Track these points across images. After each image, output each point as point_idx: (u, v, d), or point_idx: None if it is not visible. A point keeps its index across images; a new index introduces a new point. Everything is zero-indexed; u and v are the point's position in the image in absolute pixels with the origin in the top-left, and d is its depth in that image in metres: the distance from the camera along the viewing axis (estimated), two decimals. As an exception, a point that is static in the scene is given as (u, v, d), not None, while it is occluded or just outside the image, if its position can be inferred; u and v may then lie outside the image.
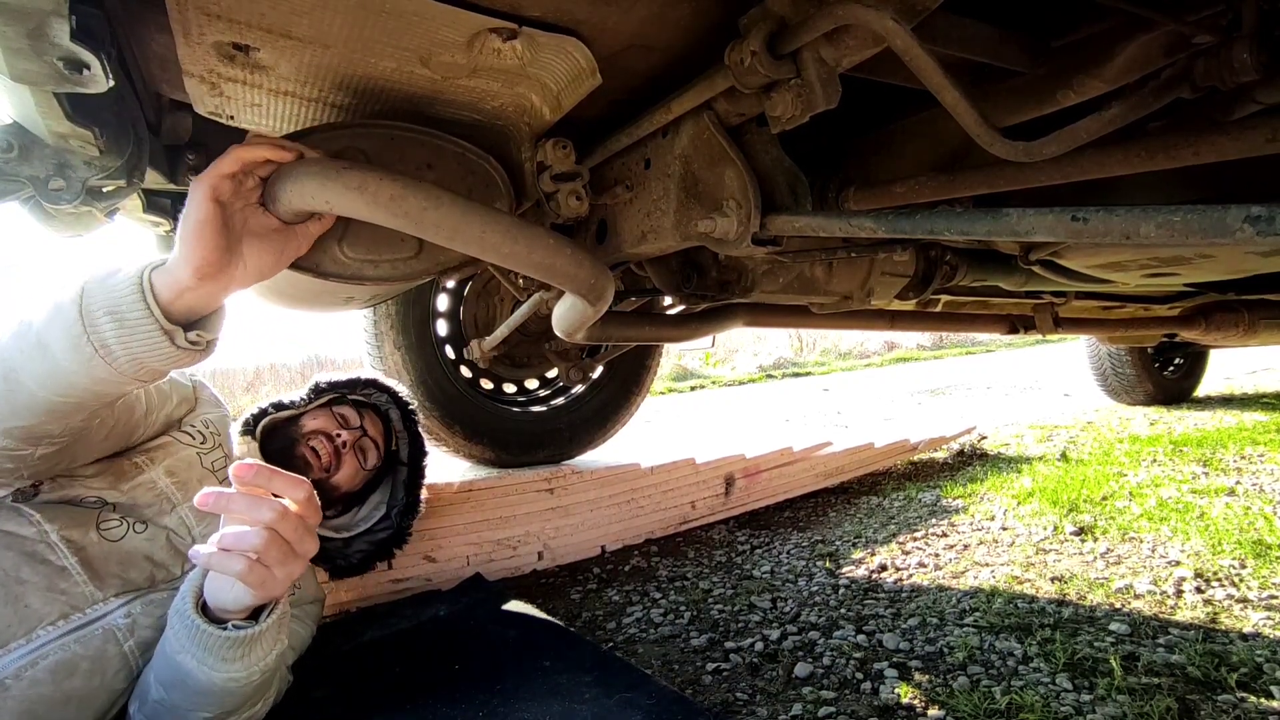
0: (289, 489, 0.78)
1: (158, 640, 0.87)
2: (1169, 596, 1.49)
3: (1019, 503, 2.21)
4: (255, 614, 0.82)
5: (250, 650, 0.81)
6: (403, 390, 1.45)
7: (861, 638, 1.37)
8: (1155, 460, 2.68)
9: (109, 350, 0.71)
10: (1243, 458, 2.64)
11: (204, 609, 0.80)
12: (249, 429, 1.22)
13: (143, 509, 0.99)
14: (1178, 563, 1.66)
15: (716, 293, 1.17)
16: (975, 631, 1.36)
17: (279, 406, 1.27)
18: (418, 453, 1.43)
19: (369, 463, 1.30)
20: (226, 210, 0.70)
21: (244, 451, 1.19)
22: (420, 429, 1.46)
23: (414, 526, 1.47)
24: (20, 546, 0.82)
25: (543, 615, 1.43)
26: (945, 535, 2.00)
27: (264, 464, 0.78)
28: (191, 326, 0.74)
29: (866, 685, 1.20)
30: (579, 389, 2.22)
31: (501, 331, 1.55)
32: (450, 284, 1.98)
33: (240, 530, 0.76)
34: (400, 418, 1.42)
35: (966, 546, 1.90)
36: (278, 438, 1.23)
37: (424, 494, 1.46)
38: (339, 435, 1.25)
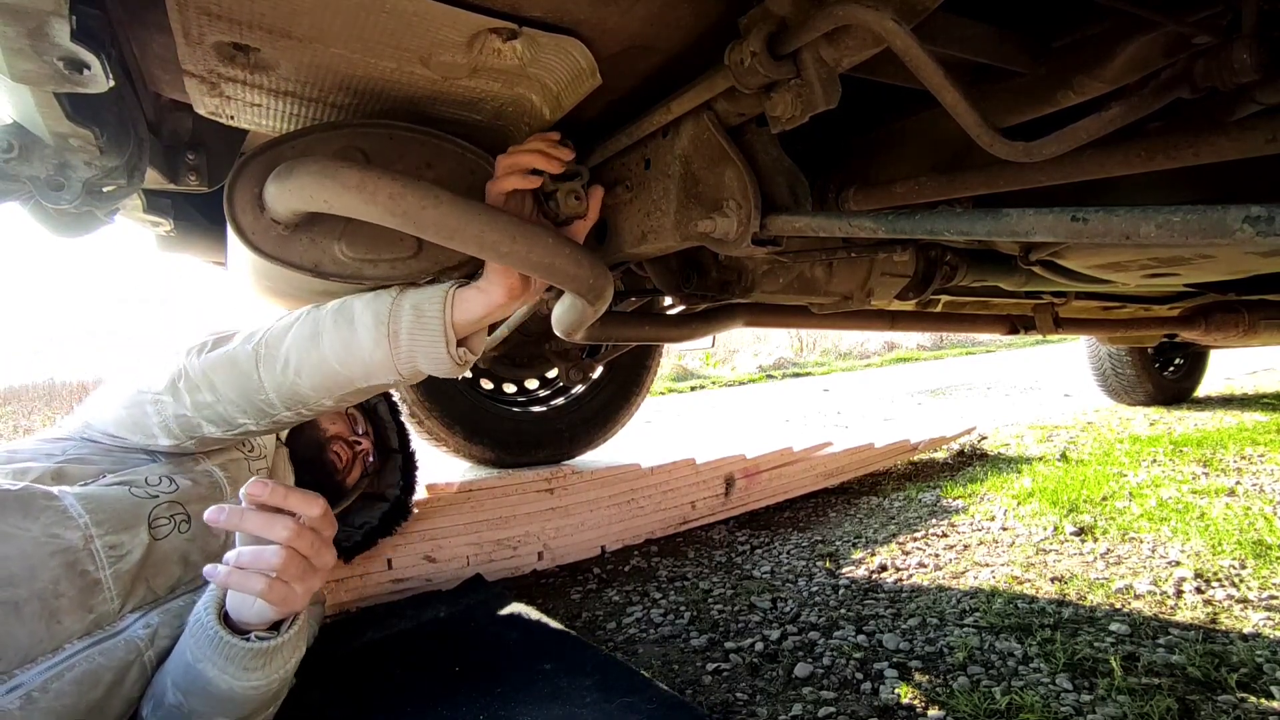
0: (304, 506, 0.80)
1: (173, 648, 0.88)
2: (1169, 597, 1.49)
3: (1019, 503, 2.21)
4: (276, 624, 0.83)
5: (271, 660, 0.82)
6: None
7: (861, 638, 1.37)
8: (1155, 460, 2.68)
9: (397, 336, 0.83)
10: (1243, 458, 2.64)
11: (225, 618, 0.81)
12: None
13: (197, 499, 1.00)
14: (1178, 563, 1.66)
15: (716, 293, 1.17)
16: (975, 632, 1.36)
17: None
18: (406, 440, 1.55)
19: (371, 464, 1.40)
20: None
21: (277, 456, 1.21)
22: (403, 418, 1.57)
23: (414, 527, 1.62)
24: (64, 556, 0.81)
25: (543, 617, 1.43)
26: (945, 535, 2.00)
27: (277, 482, 0.79)
28: (462, 343, 0.86)
29: (866, 685, 1.20)
30: (579, 389, 2.22)
31: (501, 331, 1.56)
32: (450, 284, 1.98)
33: (257, 549, 0.77)
34: (388, 410, 1.52)
35: (966, 547, 1.90)
36: (304, 441, 1.29)
37: (418, 472, 1.58)
38: (359, 444, 1.35)
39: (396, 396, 1.63)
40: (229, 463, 1.09)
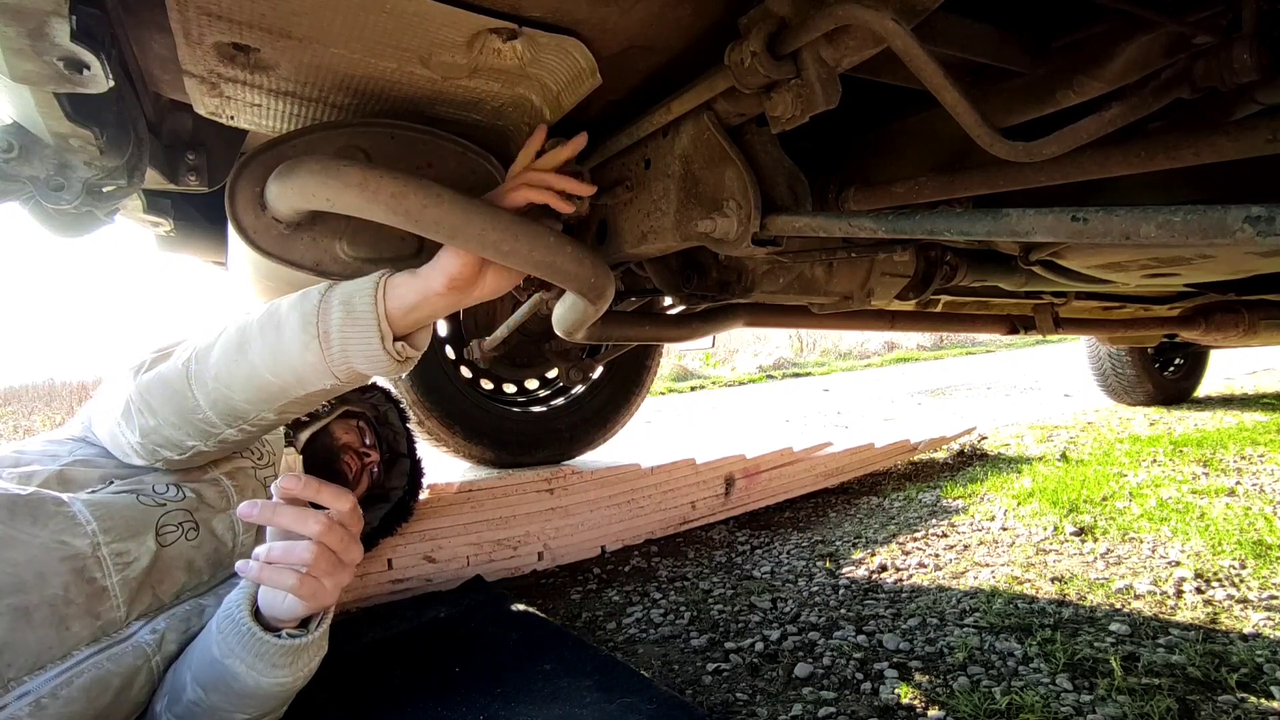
0: (334, 500, 0.80)
1: (179, 654, 0.88)
2: (1169, 597, 1.49)
3: (1019, 503, 2.21)
4: (304, 620, 0.84)
5: (299, 657, 0.83)
6: (393, 390, 1.61)
7: (861, 638, 1.37)
8: (1155, 460, 2.68)
9: (328, 337, 0.77)
10: (1243, 458, 2.64)
11: (255, 615, 0.82)
12: (289, 440, 1.27)
13: (204, 507, 0.99)
14: (1178, 563, 1.66)
15: (716, 293, 1.17)
16: (975, 632, 1.36)
17: (313, 416, 1.32)
18: (413, 445, 1.56)
19: (376, 476, 1.43)
20: None
21: (289, 464, 1.22)
22: (409, 424, 1.58)
23: (414, 527, 1.64)
24: (73, 563, 0.81)
25: (544, 618, 1.43)
26: (945, 536, 2.00)
27: (310, 477, 0.80)
28: (402, 339, 0.80)
29: (866, 685, 1.20)
30: (579, 389, 2.22)
31: (501, 331, 1.56)
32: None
33: (288, 544, 0.78)
34: (397, 416, 1.52)
35: (967, 547, 1.90)
36: (318, 449, 1.30)
37: (424, 479, 1.59)
38: (368, 456, 1.36)
39: (403, 402, 1.65)
40: (236, 471, 1.09)
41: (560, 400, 2.22)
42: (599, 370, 2.20)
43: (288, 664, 0.82)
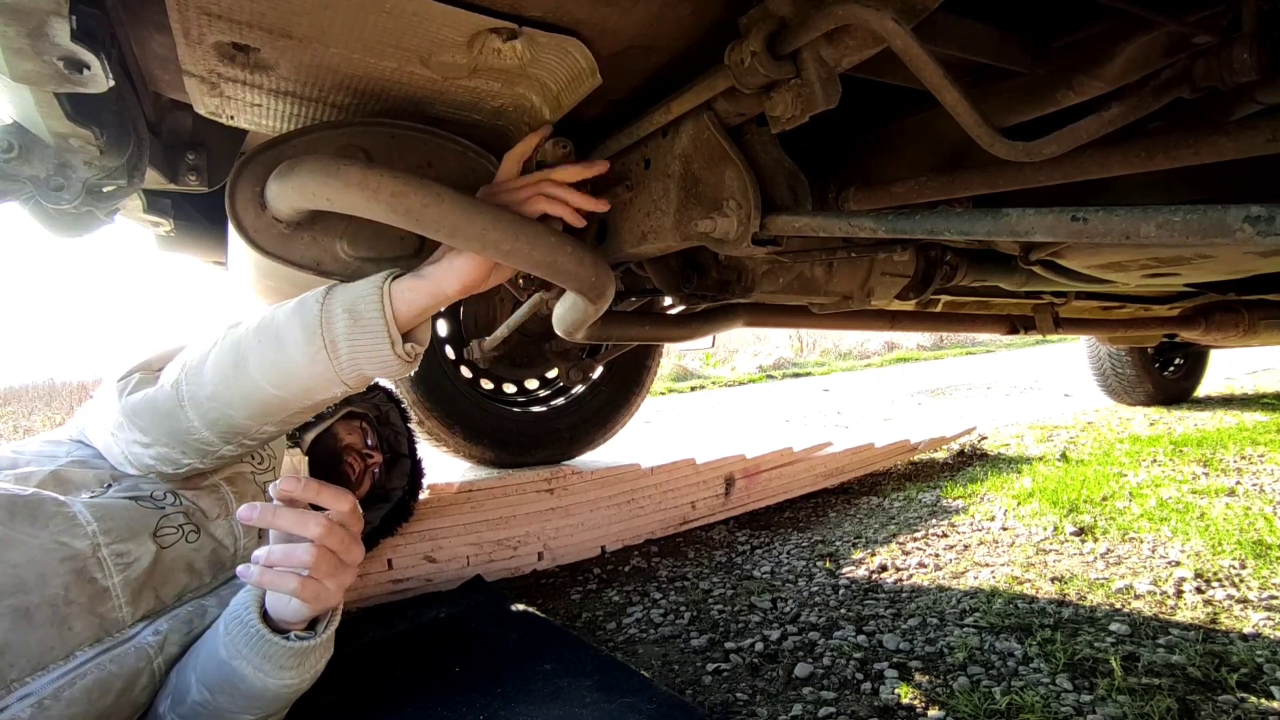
0: (334, 501, 0.80)
1: (182, 655, 0.88)
2: (1169, 597, 1.49)
3: (1019, 503, 2.21)
4: (312, 621, 0.85)
5: (306, 659, 0.83)
6: (394, 390, 1.63)
7: (862, 638, 1.37)
8: (1155, 460, 2.68)
9: (335, 347, 0.77)
10: (1243, 458, 2.64)
11: (263, 617, 0.82)
12: (295, 441, 1.27)
13: (203, 512, 0.99)
14: (1178, 563, 1.66)
15: (716, 293, 1.17)
16: (975, 632, 1.36)
17: (318, 417, 1.32)
18: (413, 444, 1.57)
19: (378, 477, 1.43)
20: None
21: (295, 465, 1.22)
22: (410, 424, 1.59)
23: (414, 527, 1.65)
24: (73, 564, 0.81)
25: (544, 618, 1.43)
26: (945, 535, 2.00)
27: (310, 478, 0.80)
28: (407, 338, 0.80)
29: (867, 685, 1.20)
30: (579, 389, 2.22)
31: (502, 331, 1.56)
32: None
33: (288, 547, 0.78)
34: (399, 416, 1.53)
35: (967, 547, 1.90)
36: (322, 450, 1.31)
37: (424, 479, 1.60)
38: (371, 457, 1.37)
39: (404, 402, 1.67)
40: (235, 476, 1.08)
41: (560, 400, 2.22)
42: (599, 370, 2.20)
43: (295, 666, 0.82)
